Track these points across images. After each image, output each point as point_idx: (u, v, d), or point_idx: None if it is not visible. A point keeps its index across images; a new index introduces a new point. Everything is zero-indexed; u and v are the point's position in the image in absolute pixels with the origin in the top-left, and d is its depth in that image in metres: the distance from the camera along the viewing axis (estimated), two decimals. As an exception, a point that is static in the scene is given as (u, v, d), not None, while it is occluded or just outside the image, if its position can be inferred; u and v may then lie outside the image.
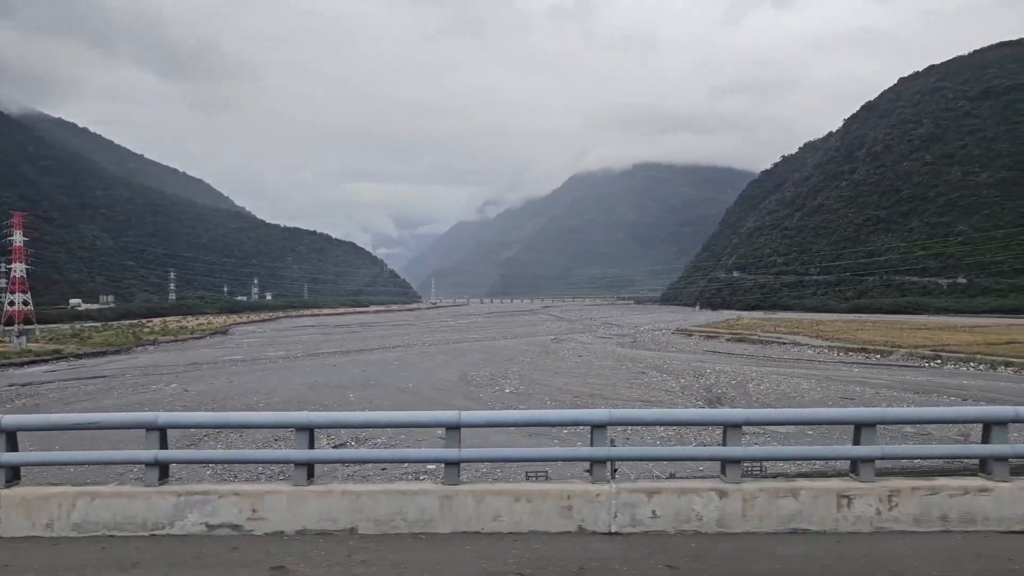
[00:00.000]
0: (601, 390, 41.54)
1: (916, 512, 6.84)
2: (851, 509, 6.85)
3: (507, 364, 55.90)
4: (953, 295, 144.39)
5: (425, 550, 6.59)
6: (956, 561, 6.57)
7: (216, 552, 6.73)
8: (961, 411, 12.70)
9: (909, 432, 25.88)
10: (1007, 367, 51.28)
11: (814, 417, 12.39)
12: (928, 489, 6.88)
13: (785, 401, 38.44)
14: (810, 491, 6.80)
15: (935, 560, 6.59)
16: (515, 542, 6.62)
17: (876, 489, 6.95)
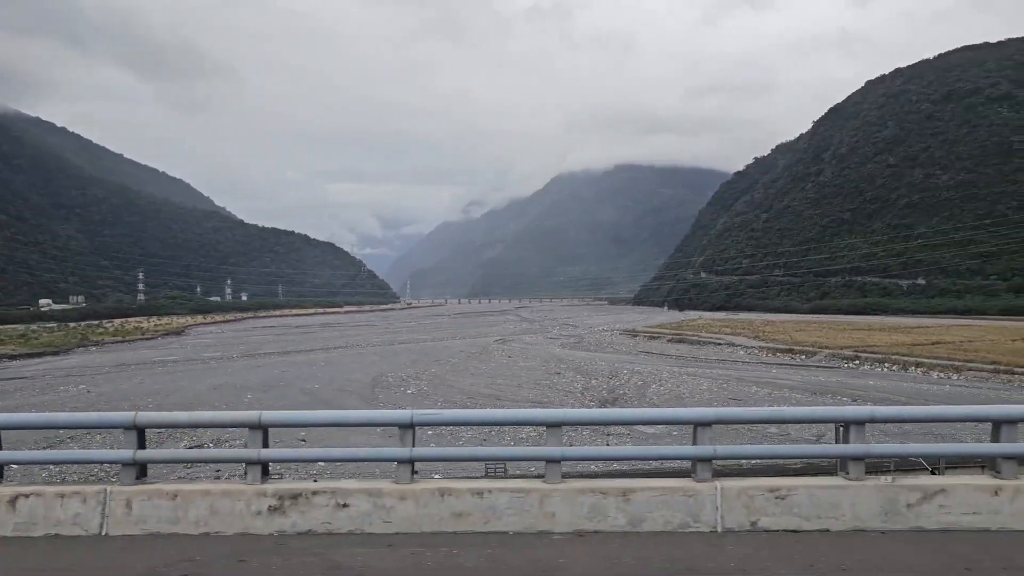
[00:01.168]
0: (503, 392, 42.16)
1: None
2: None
3: (431, 365, 56.43)
4: (912, 296, 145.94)
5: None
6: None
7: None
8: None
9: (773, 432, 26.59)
10: (917, 367, 52.32)
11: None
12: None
13: (675, 401, 39.21)
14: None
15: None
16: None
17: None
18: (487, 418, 14.22)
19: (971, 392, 42.81)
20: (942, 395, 41.47)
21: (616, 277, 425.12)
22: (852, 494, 6.70)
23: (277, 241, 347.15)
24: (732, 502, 6.61)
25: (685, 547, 6.16)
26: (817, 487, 6.77)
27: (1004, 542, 6.42)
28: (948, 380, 47.64)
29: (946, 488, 6.75)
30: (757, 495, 6.64)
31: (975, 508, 6.67)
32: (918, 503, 6.70)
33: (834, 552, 6.09)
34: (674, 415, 8.44)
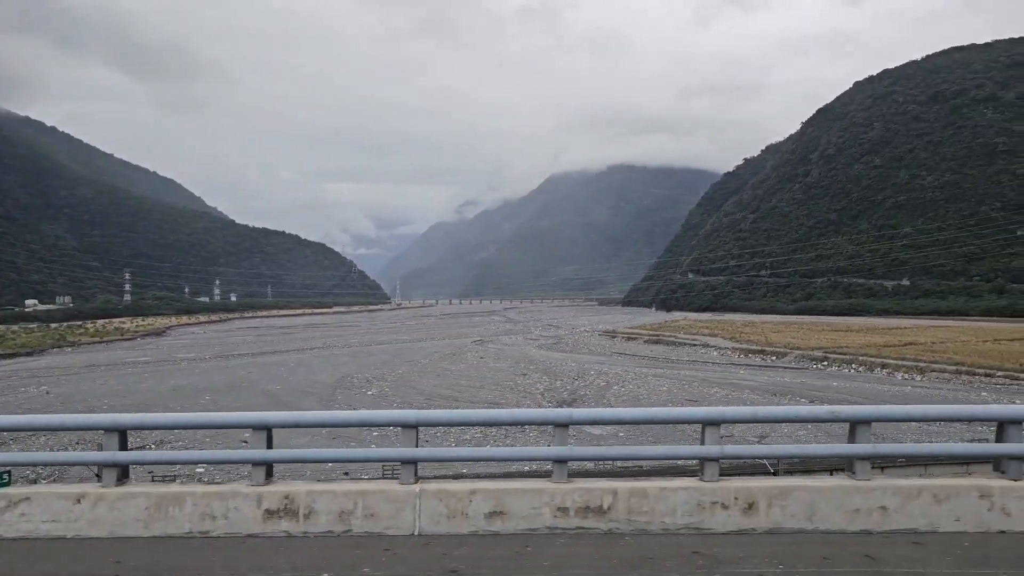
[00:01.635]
0: (462, 393, 42.20)
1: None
2: None
3: (400, 366, 56.43)
4: (896, 297, 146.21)
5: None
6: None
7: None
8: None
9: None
10: (883, 369, 52.48)
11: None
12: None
13: (632, 402, 39.25)
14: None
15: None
16: None
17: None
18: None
19: (931, 392, 43.00)
20: (902, 396, 41.63)
21: (608, 278, 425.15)
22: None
23: (268, 241, 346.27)
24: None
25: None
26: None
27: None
28: (911, 381, 47.82)
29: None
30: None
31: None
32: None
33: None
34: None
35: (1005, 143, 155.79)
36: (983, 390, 43.18)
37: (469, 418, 13.86)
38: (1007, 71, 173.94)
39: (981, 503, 6.52)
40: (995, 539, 6.27)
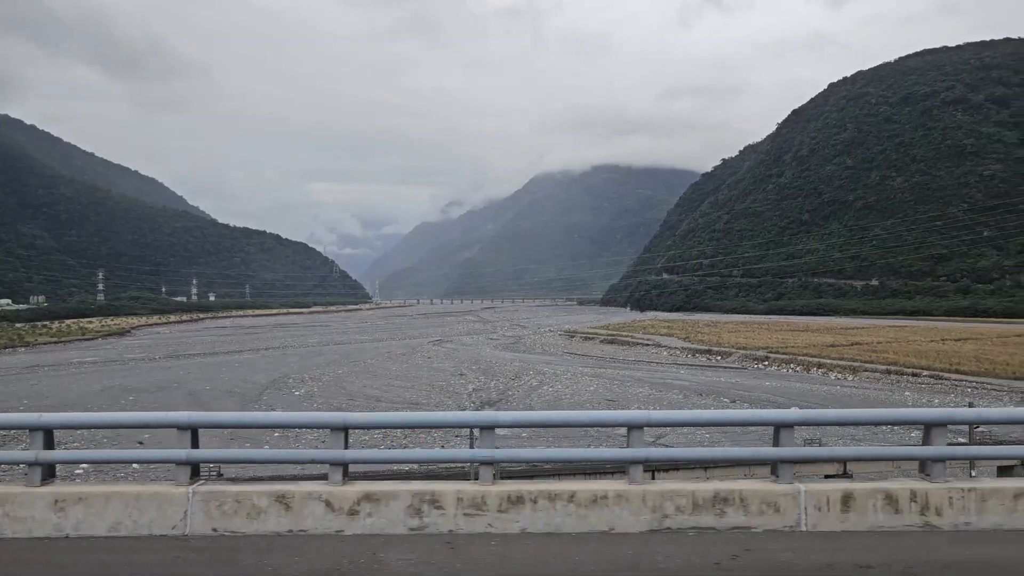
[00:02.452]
0: (389, 394, 42.42)
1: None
2: None
3: (343, 367, 56.58)
4: (865, 297, 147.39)
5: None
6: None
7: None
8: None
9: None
10: (819, 368, 53.03)
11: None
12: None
13: (554, 402, 39.55)
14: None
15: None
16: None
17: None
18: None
19: (853, 392, 43.54)
20: (828, 396, 42.13)
21: (591, 278, 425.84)
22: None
23: (248, 241, 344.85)
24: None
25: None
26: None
27: None
28: (842, 381, 48.39)
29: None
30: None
31: None
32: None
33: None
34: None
35: (973, 145, 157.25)
36: (906, 390, 43.78)
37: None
38: (976, 74, 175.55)
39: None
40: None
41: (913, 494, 6.41)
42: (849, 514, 6.31)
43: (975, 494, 6.41)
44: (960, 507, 6.37)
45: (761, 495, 6.34)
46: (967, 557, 5.53)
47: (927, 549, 5.75)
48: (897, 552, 5.63)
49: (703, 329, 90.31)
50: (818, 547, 5.77)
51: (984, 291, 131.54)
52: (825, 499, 6.37)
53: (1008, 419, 10.07)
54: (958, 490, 6.45)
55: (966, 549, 5.73)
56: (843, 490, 6.43)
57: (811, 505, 6.36)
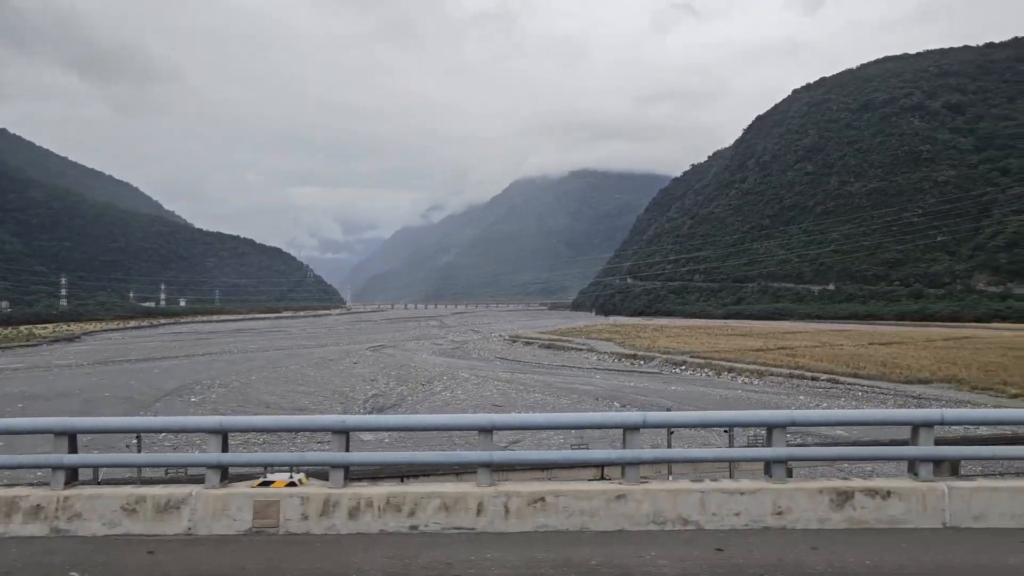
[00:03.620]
0: (282, 400, 42.67)
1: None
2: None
3: (262, 372, 56.80)
4: (821, 301, 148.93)
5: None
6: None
7: None
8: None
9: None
10: (728, 372, 53.74)
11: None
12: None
13: (444, 407, 39.94)
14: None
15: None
16: None
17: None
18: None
19: (757, 396, 44.15)
20: (690, 397, 42.74)
21: (568, 282, 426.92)
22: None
23: (222, 246, 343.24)
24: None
25: None
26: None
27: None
28: (748, 385, 49.05)
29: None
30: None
31: None
32: None
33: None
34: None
35: (929, 151, 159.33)
36: (801, 393, 44.48)
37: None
38: (935, 81, 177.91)
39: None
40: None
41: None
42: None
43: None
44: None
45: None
46: None
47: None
48: None
49: (644, 334, 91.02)
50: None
51: (935, 295, 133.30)
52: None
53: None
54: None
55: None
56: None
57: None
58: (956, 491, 6.73)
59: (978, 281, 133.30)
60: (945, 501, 6.69)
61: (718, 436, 27.25)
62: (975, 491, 6.74)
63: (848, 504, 6.68)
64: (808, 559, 5.88)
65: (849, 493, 6.71)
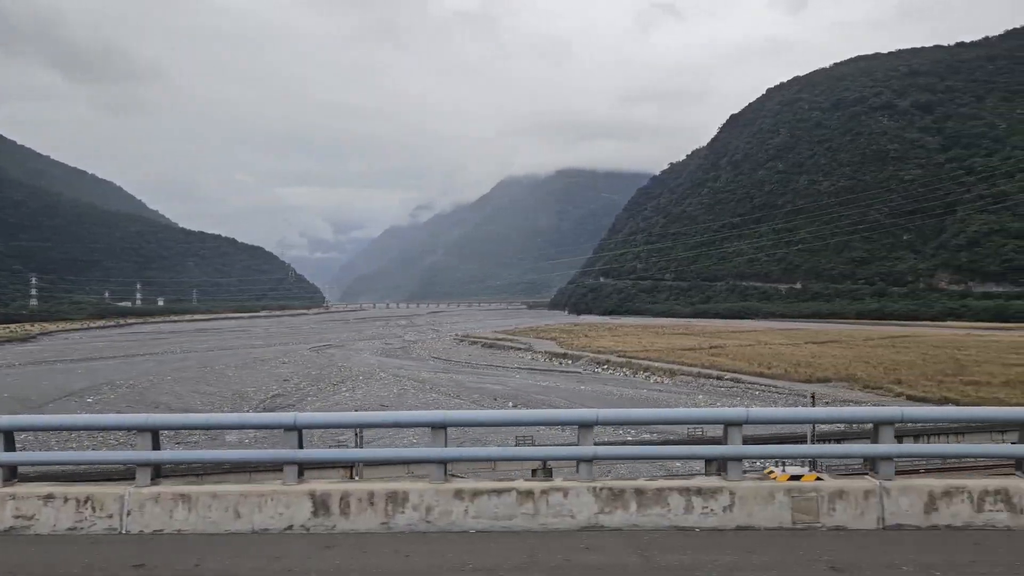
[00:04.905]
0: (178, 400, 42.64)
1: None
2: None
3: (184, 372, 56.82)
4: (788, 299, 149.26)
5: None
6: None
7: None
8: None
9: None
10: (644, 372, 53.85)
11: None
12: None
13: (334, 406, 39.92)
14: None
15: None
16: None
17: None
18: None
19: (656, 395, 44.26)
20: (624, 397, 42.80)
21: (553, 281, 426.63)
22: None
23: (203, 245, 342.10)
24: None
25: None
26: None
27: None
28: (658, 384, 49.18)
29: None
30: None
31: None
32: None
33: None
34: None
35: (896, 150, 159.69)
36: (701, 392, 44.61)
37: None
38: (904, 80, 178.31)
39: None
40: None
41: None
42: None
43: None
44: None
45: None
46: None
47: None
48: None
49: (592, 333, 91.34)
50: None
51: (898, 294, 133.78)
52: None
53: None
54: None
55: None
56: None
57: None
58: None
59: (940, 280, 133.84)
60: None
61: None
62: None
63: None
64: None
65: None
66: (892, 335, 79.69)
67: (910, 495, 6.39)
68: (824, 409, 11.71)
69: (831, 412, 11.87)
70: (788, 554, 5.55)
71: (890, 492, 6.36)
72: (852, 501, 6.35)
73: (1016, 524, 6.25)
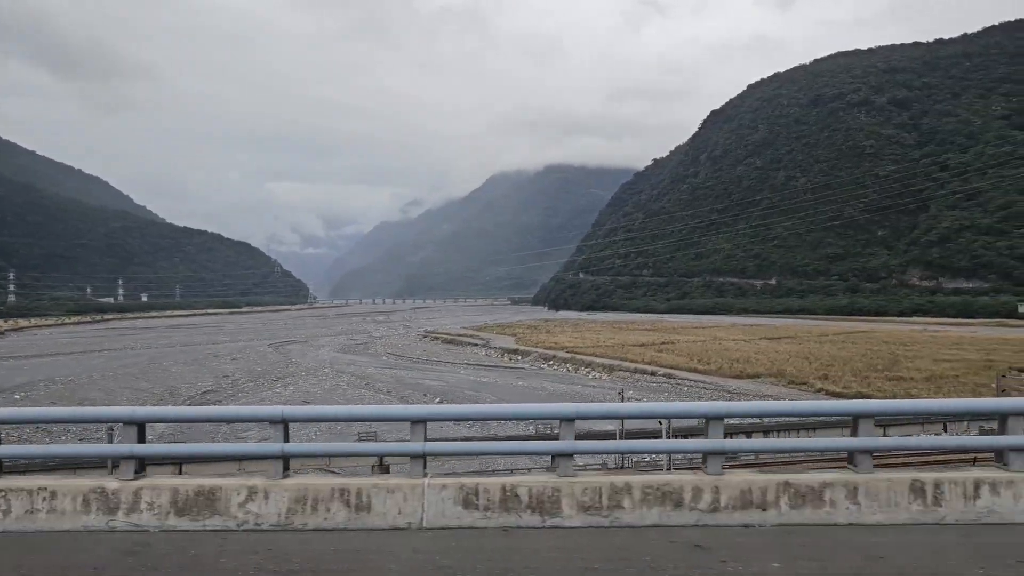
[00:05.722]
0: (90, 394, 42.75)
1: None
2: None
3: (125, 369, 56.73)
4: (763, 296, 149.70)
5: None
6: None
7: None
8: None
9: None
10: (587, 367, 54.01)
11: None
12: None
13: (258, 400, 39.91)
14: None
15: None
16: None
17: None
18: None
19: (587, 391, 44.42)
20: (554, 393, 42.93)
21: (541, 277, 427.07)
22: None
23: (189, 241, 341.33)
24: None
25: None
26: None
27: None
28: (596, 380, 49.34)
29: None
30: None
31: None
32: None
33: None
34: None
35: (872, 146, 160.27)
36: (632, 388, 44.73)
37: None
38: (882, 76, 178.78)
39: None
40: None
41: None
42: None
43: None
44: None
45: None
46: None
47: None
48: None
49: (554, 329, 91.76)
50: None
51: (871, 290, 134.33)
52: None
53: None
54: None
55: None
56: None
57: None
58: None
59: (912, 276, 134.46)
60: None
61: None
62: None
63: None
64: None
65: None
66: (848, 331, 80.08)
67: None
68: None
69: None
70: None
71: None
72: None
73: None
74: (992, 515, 6.18)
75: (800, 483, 6.21)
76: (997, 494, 6.22)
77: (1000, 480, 6.27)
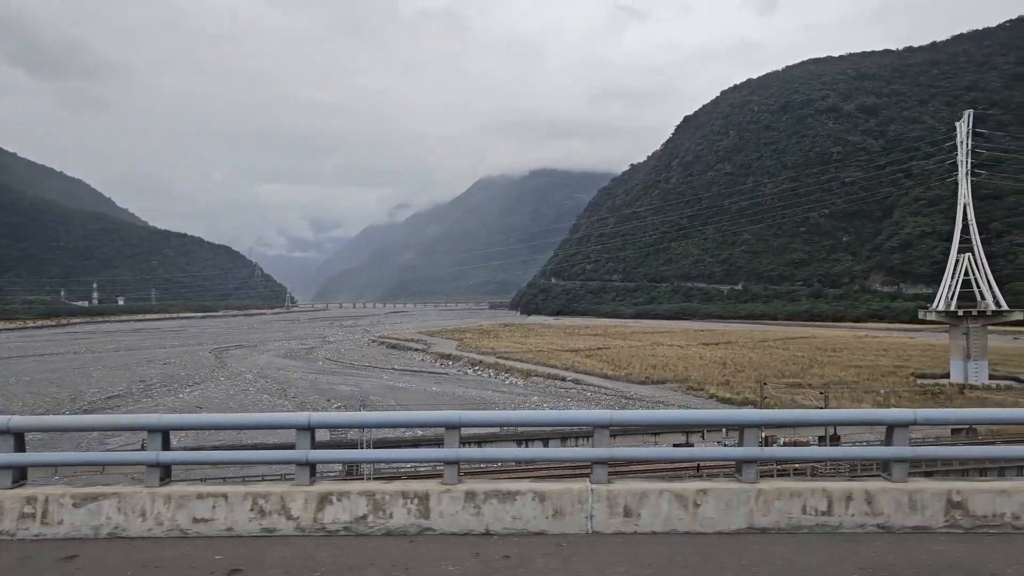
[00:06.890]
0: (7, 400, 42.57)
1: None
2: None
3: (43, 374, 56.63)
4: (729, 300, 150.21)
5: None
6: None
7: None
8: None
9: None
10: (506, 373, 54.20)
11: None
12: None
13: (153, 408, 39.90)
14: None
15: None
16: None
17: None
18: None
19: (497, 396, 44.56)
20: (457, 397, 43.03)
21: (523, 280, 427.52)
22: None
23: (168, 243, 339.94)
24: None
25: None
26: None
27: None
28: (510, 385, 49.50)
29: None
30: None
31: None
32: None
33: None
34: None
35: (839, 152, 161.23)
36: (537, 393, 44.98)
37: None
38: (851, 83, 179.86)
39: None
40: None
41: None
42: None
43: None
44: None
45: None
46: None
47: None
48: None
49: (504, 334, 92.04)
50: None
51: (833, 295, 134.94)
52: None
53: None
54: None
55: None
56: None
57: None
58: None
59: (874, 281, 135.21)
60: None
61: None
62: None
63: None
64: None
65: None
66: (790, 337, 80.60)
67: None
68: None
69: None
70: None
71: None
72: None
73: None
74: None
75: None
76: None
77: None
